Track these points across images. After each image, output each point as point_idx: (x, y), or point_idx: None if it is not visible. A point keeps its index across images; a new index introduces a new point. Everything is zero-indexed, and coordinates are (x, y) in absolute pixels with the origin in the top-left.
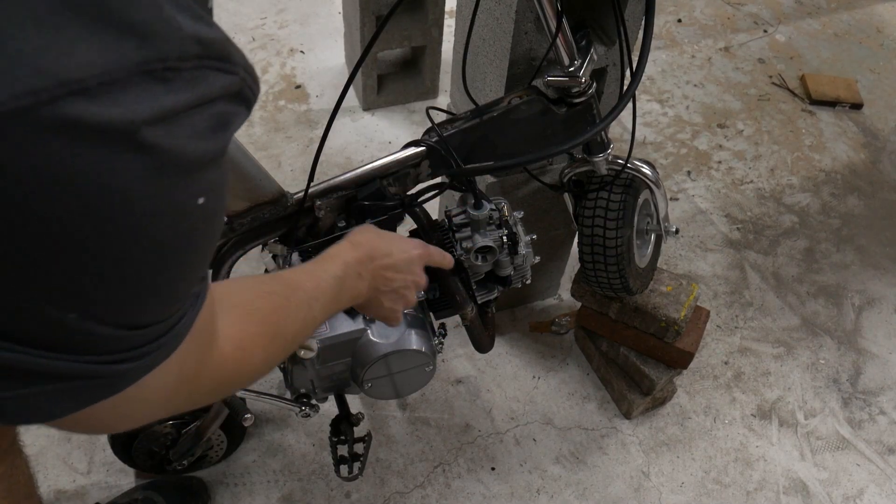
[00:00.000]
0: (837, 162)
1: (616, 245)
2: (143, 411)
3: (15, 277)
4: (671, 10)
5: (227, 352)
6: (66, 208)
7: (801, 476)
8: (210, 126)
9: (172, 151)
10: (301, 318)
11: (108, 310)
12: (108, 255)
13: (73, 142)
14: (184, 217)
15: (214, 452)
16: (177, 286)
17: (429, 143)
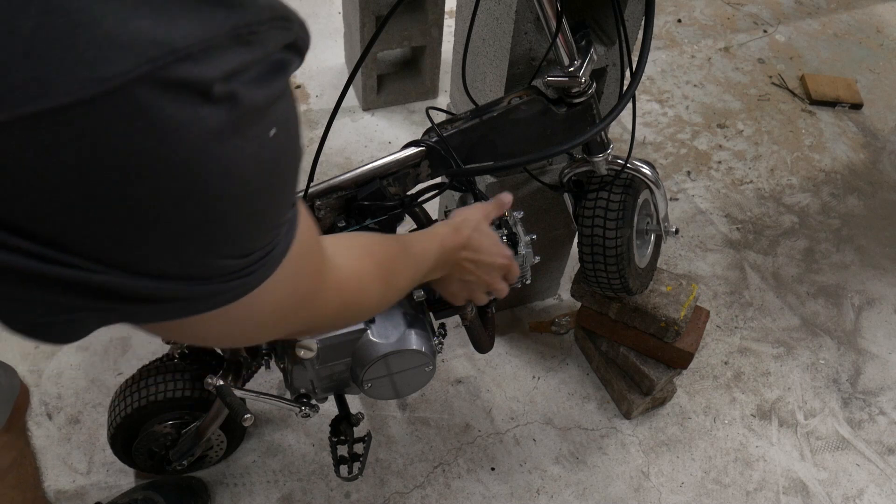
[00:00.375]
0: (837, 162)
1: (616, 245)
2: (259, 327)
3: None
4: (671, 10)
5: (346, 279)
6: (181, 155)
7: (800, 476)
8: (273, 72)
9: (247, 97)
10: (409, 274)
11: (218, 243)
12: (217, 194)
13: (181, 98)
14: (262, 149)
15: (214, 452)
16: (271, 213)
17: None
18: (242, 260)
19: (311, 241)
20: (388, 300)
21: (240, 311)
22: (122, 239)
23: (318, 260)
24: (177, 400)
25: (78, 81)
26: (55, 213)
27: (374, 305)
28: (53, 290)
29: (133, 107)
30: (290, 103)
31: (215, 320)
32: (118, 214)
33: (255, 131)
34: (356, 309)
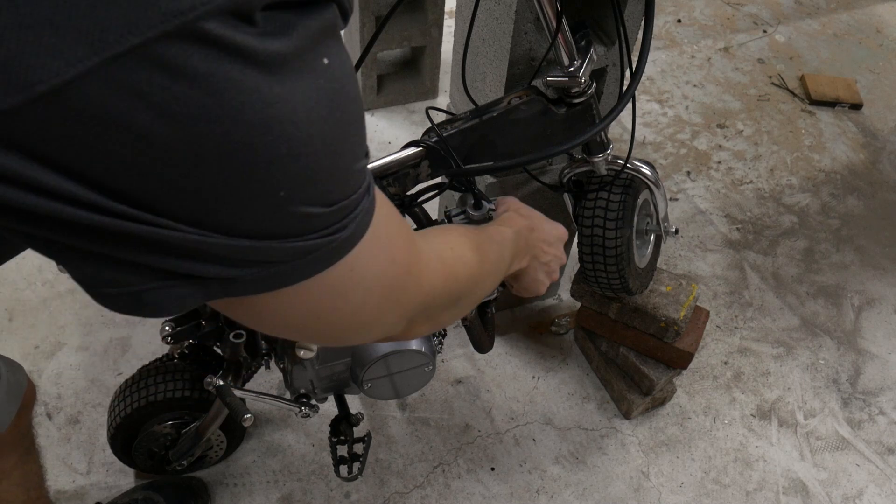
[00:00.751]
0: (837, 162)
1: (616, 245)
2: (367, 305)
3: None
4: (671, 11)
5: (440, 249)
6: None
7: (800, 476)
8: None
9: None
10: (497, 253)
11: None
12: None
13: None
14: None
15: (214, 453)
16: (343, 148)
17: (428, 143)
18: (330, 209)
19: (392, 210)
20: (486, 273)
21: (342, 277)
22: (212, 186)
23: (407, 229)
24: (177, 400)
25: (160, 15)
26: (146, 163)
27: (476, 274)
28: (153, 255)
29: (210, 38)
30: (339, 37)
31: (319, 292)
32: (204, 156)
33: (311, 62)
34: (461, 281)
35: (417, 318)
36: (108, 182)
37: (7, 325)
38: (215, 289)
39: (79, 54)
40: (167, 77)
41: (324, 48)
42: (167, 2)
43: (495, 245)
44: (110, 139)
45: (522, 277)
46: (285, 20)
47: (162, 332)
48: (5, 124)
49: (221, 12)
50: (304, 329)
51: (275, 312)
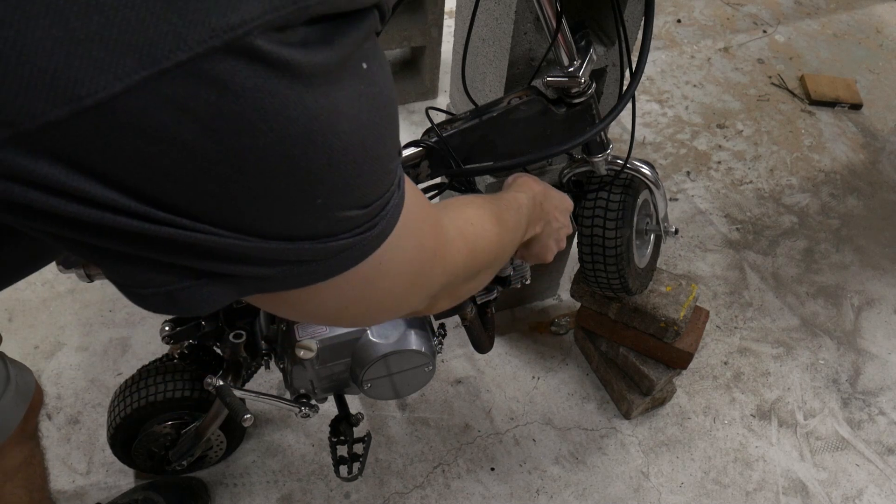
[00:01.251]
0: (837, 162)
1: (615, 245)
2: (396, 290)
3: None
4: (670, 11)
5: (462, 223)
6: (296, 100)
7: (800, 476)
8: (357, 19)
9: (342, 38)
10: (514, 218)
11: (340, 192)
12: (333, 137)
13: (293, 43)
14: (361, 81)
15: (214, 453)
16: (383, 150)
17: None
18: (364, 210)
19: (420, 197)
20: (506, 242)
21: (372, 270)
22: (251, 194)
23: (433, 213)
24: (176, 400)
25: (210, 30)
26: (189, 174)
27: (497, 245)
28: (189, 258)
29: (256, 53)
30: (375, 43)
31: (349, 285)
32: (245, 167)
33: (352, 68)
34: (483, 253)
35: (440, 294)
36: (149, 191)
37: (7, 326)
38: (248, 286)
39: (126, 69)
40: (213, 92)
41: (364, 53)
42: (217, 18)
43: (513, 212)
44: (155, 151)
45: (533, 244)
46: (328, 31)
47: (162, 332)
48: (52, 136)
49: (269, 28)
50: (335, 316)
51: (306, 304)
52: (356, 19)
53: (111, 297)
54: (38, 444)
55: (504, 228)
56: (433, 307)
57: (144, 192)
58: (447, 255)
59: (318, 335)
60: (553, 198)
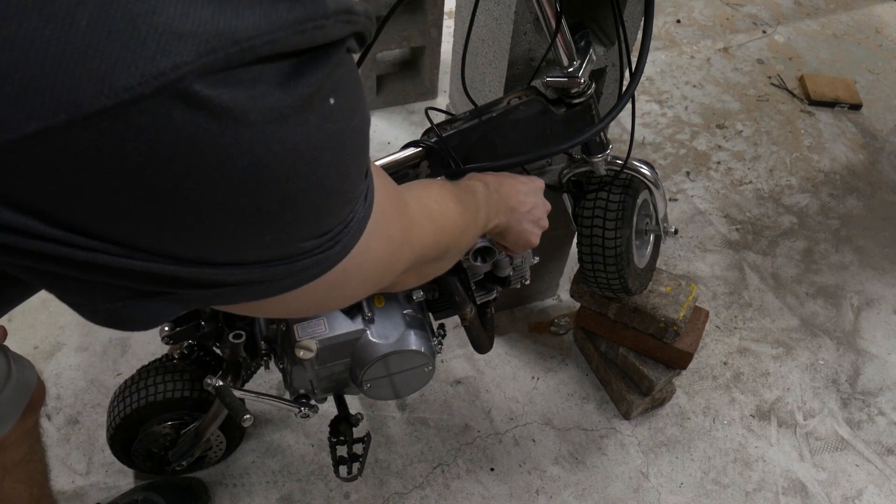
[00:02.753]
0: (836, 162)
1: (615, 245)
2: (362, 284)
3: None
4: (670, 11)
5: (427, 205)
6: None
7: (800, 477)
8: (332, 48)
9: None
10: (472, 200)
11: (294, 227)
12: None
13: (241, 86)
14: (325, 119)
15: (213, 453)
16: (345, 186)
17: (428, 143)
18: (322, 238)
19: (387, 188)
20: (468, 222)
21: (336, 277)
22: (192, 233)
23: (400, 201)
24: (176, 400)
25: (138, 75)
26: (123, 212)
27: (461, 225)
28: (129, 280)
29: (193, 99)
30: (350, 71)
31: (313, 291)
32: (185, 210)
33: (316, 105)
34: (449, 232)
35: (408, 271)
36: (78, 221)
37: (7, 326)
38: (197, 301)
39: (46, 110)
40: (144, 139)
41: (332, 86)
42: (144, 63)
43: (469, 195)
44: (85, 188)
45: (509, 234)
46: (284, 71)
47: (161, 332)
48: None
49: (207, 71)
50: (299, 313)
51: (267, 310)
52: (321, 56)
53: None
54: (38, 440)
55: (465, 208)
56: (397, 285)
57: (72, 222)
58: (414, 238)
59: (318, 335)
60: (511, 183)
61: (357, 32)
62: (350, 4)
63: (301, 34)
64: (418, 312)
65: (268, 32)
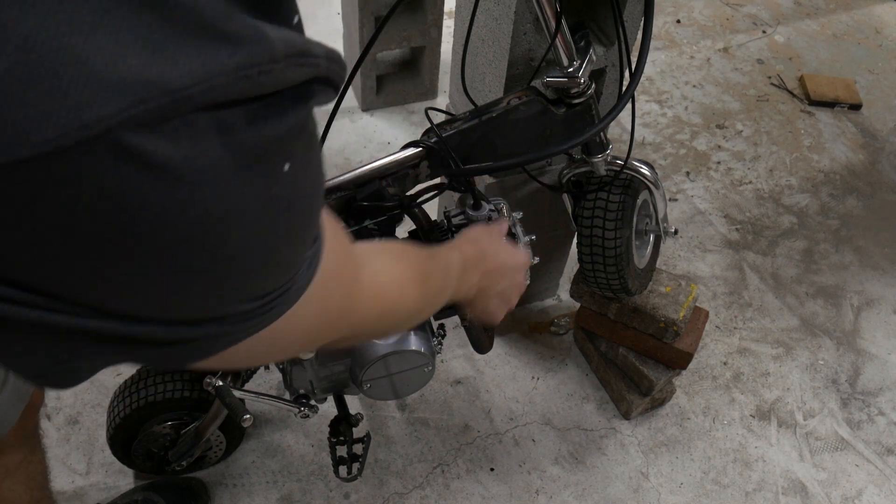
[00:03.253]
0: (836, 162)
1: (615, 246)
2: (296, 346)
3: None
4: (670, 11)
5: (384, 284)
6: (177, 200)
7: (799, 477)
8: (290, 104)
9: (254, 133)
10: (440, 281)
11: (223, 291)
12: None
13: (176, 139)
14: (274, 185)
15: (213, 453)
16: (287, 253)
17: (428, 143)
18: (257, 301)
19: (341, 257)
20: (425, 305)
21: (263, 337)
22: (118, 289)
23: (351, 274)
24: (176, 400)
25: (59, 127)
26: (46, 264)
27: (413, 310)
28: (54, 339)
29: (121, 153)
30: (311, 135)
31: (234, 352)
32: (111, 265)
33: (265, 167)
34: (397, 315)
35: (339, 341)
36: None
37: None
38: (121, 360)
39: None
40: (63, 193)
41: (287, 149)
42: (66, 114)
43: (440, 274)
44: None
45: (474, 305)
46: (229, 123)
47: None
48: None
49: (136, 123)
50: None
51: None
52: (274, 107)
53: None
54: (38, 443)
55: (425, 291)
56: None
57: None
58: (354, 314)
59: None
60: (496, 258)
61: (319, 77)
62: (306, 46)
63: (245, 80)
64: None
65: (205, 80)
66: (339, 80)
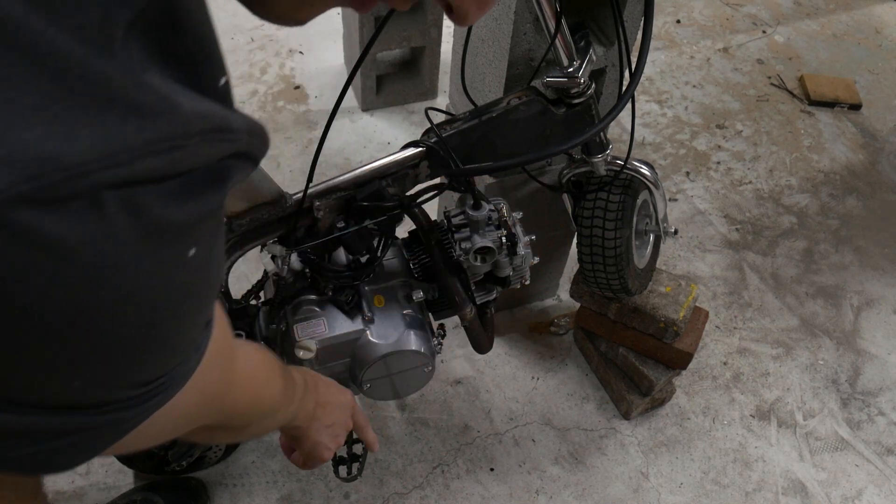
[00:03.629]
0: (836, 163)
1: (615, 246)
2: (166, 432)
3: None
4: (670, 11)
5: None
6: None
7: (799, 477)
8: (202, 185)
9: (162, 214)
10: (292, 384)
11: (110, 376)
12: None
13: (71, 217)
14: (176, 270)
15: (213, 453)
16: (180, 339)
17: (428, 143)
18: (144, 388)
19: (222, 346)
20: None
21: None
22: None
23: (229, 363)
24: None
25: None
26: None
27: (277, 403)
28: None
29: (9, 230)
30: (219, 221)
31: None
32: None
33: (171, 251)
34: (263, 405)
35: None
36: None
37: None
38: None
39: None
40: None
41: (196, 234)
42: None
43: (292, 380)
44: None
45: (304, 441)
46: (134, 202)
47: None
48: None
49: (27, 200)
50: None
51: None
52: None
53: None
54: None
55: (286, 388)
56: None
57: None
58: (228, 400)
59: (318, 335)
60: (326, 388)
61: (239, 153)
62: (225, 120)
63: (154, 156)
64: (418, 313)
65: (108, 157)
66: (259, 155)
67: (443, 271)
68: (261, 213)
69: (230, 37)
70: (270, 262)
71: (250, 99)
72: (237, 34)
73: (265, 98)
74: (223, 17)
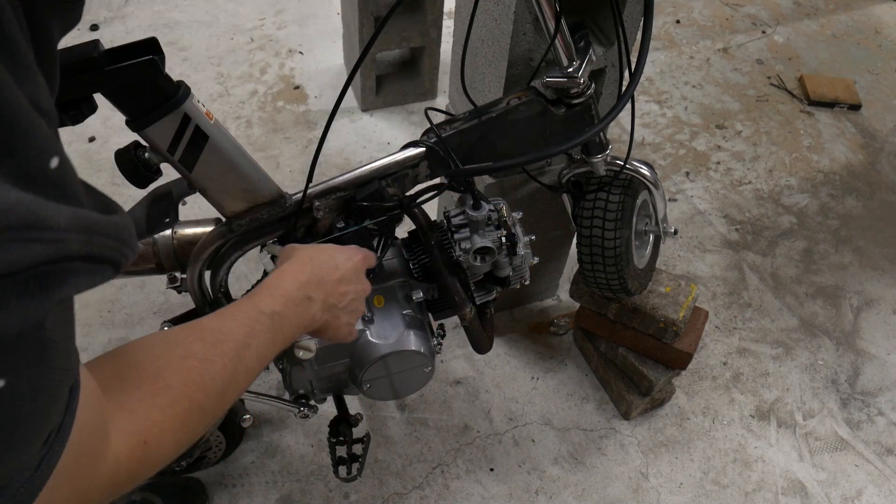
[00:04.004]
0: (836, 163)
1: (615, 246)
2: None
3: None
4: (670, 11)
5: (127, 452)
6: None
7: (799, 477)
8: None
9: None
10: (228, 377)
11: None
12: None
13: None
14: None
15: (213, 453)
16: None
17: (427, 143)
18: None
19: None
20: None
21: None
22: None
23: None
24: None
25: None
26: None
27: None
28: None
29: None
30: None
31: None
32: None
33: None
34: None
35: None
36: None
37: None
38: None
39: None
40: None
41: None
42: None
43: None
44: None
45: (324, 331)
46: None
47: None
48: None
49: None
50: None
51: None
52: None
53: (110, 298)
54: None
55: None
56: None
57: None
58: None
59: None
60: (333, 267)
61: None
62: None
63: None
64: (418, 313)
65: None
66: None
67: (442, 271)
68: (260, 213)
69: (230, 37)
70: (270, 263)
71: (250, 99)
72: (237, 34)
73: (265, 98)
74: (223, 17)
